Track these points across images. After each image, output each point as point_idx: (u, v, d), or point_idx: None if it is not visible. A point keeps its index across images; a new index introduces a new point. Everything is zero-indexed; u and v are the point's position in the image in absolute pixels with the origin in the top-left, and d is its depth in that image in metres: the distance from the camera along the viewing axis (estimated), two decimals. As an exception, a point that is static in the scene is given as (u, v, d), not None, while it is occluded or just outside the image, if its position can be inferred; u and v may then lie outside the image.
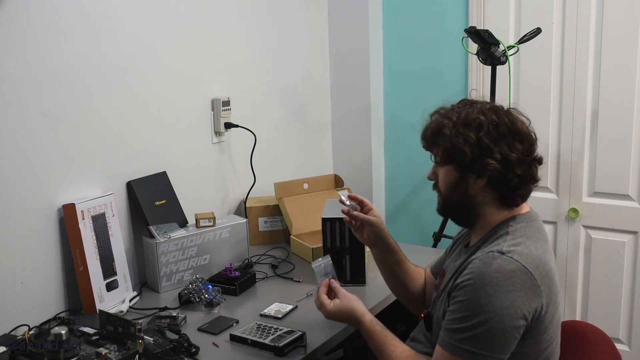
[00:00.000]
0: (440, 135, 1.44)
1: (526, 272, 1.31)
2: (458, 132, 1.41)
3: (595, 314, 2.72)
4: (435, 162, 1.49)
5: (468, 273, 1.35)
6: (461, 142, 1.39)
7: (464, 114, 1.42)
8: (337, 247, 2.09)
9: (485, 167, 1.39)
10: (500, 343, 1.30)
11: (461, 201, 1.46)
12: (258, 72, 2.68)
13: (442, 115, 1.46)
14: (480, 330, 1.29)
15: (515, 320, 1.29)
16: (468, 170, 1.41)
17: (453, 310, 1.35)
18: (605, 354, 1.54)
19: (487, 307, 1.29)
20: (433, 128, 1.46)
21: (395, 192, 3.16)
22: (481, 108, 1.43)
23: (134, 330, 1.54)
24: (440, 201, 1.51)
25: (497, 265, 1.31)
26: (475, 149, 1.39)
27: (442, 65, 2.91)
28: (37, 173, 1.83)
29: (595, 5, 2.53)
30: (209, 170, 2.48)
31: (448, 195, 1.47)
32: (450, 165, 1.44)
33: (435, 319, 1.51)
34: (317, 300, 1.61)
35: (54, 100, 1.86)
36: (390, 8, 3.01)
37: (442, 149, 1.44)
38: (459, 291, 1.35)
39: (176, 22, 2.26)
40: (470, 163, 1.40)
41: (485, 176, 1.40)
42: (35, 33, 1.79)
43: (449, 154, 1.42)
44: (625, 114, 2.53)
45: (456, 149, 1.40)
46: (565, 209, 2.72)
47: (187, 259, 2.13)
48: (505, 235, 1.40)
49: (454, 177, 1.44)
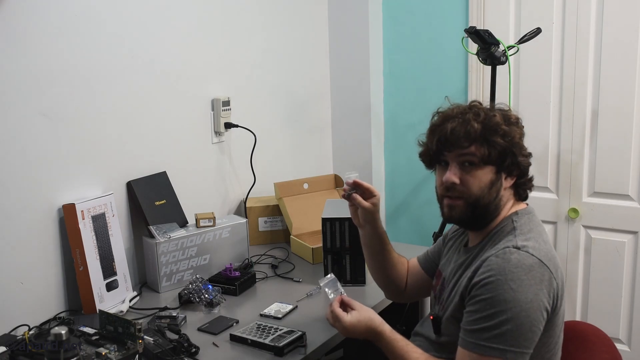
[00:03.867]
0: (493, 133, 1.38)
1: (543, 266, 1.32)
2: (510, 131, 1.38)
3: (595, 314, 2.72)
4: (468, 164, 1.40)
5: (486, 271, 1.33)
6: (515, 140, 1.39)
7: (503, 113, 1.41)
8: (337, 247, 2.09)
9: (519, 165, 1.40)
10: (529, 337, 1.29)
11: (493, 201, 1.41)
12: (258, 72, 2.68)
13: (483, 111, 1.40)
14: (509, 327, 1.28)
15: (540, 313, 1.30)
16: (503, 169, 1.40)
17: (475, 310, 1.33)
18: (605, 354, 1.54)
19: (513, 302, 1.28)
20: (485, 123, 1.38)
21: (395, 192, 3.16)
22: (500, 109, 1.44)
23: (134, 330, 1.54)
24: (463, 205, 1.41)
25: (516, 260, 1.31)
26: (515, 147, 1.40)
27: (442, 65, 2.91)
28: (37, 173, 1.83)
29: (595, 5, 2.53)
30: (209, 170, 2.48)
31: (482, 196, 1.39)
32: (491, 166, 1.39)
33: (444, 321, 1.49)
34: (330, 315, 1.51)
35: (54, 100, 1.86)
36: (390, 8, 3.01)
37: (490, 148, 1.37)
38: (480, 289, 1.33)
39: (176, 22, 2.26)
40: (510, 162, 1.39)
41: (515, 174, 1.41)
42: (35, 33, 1.79)
43: (499, 153, 1.38)
44: (625, 114, 2.53)
45: (508, 148, 1.38)
46: (565, 209, 2.72)
47: (187, 259, 2.13)
48: (513, 230, 1.40)
49: (492, 177, 1.40)
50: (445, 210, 1.45)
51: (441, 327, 1.50)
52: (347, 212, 1.76)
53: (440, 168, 1.46)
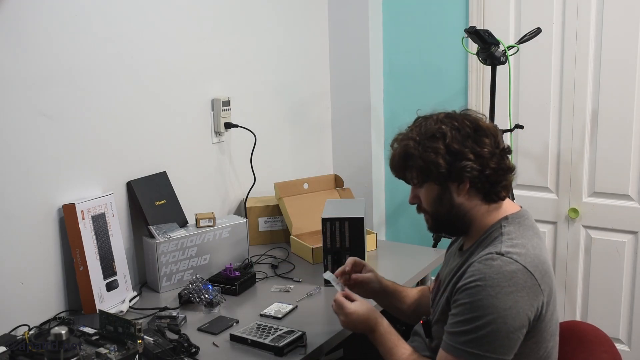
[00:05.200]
0: (409, 158, 1.43)
1: (526, 272, 1.31)
2: (425, 147, 1.40)
3: (595, 314, 2.72)
4: (413, 185, 1.48)
5: (469, 276, 1.34)
6: (432, 156, 1.39)
7: (424, 129, 1.42)
8: (337, 247, 2.09)
9: (463, 171, 1.38)
10: (505, 344, 1.30)
11: (450, 213, 1.44)
12: (258, 72, 2.68)
13: (402, 140, 1.46)
14: (484, 332, 1.29)
15: (519, 321, 1.30)
16: (447, 180, 1.41)
17: (456, 313, 1.35)
18: (605, 354, 1.54)
19: (490, 308, 1.29)
20: (399, 153, 1.45)
21: (395, 192, 3.16)
22: (437, 118, 1.44)
23: (134, 330, 1.54)
24: (430, 220, 1.49)
25: (498, 266, 1.31)
26: (448, 157, 1.39)
27: (442, 65, 2.91)
28: (37, 173, 1.83)
29: (595, 5, 2.53)
30: (209, 170, 2.48)
31: (436, 211, 1.46)
32: (429, 182, 1.43)
33: (433, 324, 1.51)
34: (335, 303, 1.57)
35: (54, 100, 1.86)
36: (390, 8, 3.01)
37: (415, 170, 1.43)
38: (461, 294, 1.35)
39: (176, 22, 2.26)
40: (447, 172, 1.39)
41: (466, 179, 1.40)
42: (35, 33, 1.79)
43: (423, 171, 1.41)
44: (625, 114, 2.53)
45: (430, 164, 1.39)
46: (565, 209, 2.72)
47: (187, 259, 2.13)
48: (500, 236, 1.40)
49: (437, 191, 1.43)
50: (426, 224, 1.53)
51: (431, 330, 1.52)
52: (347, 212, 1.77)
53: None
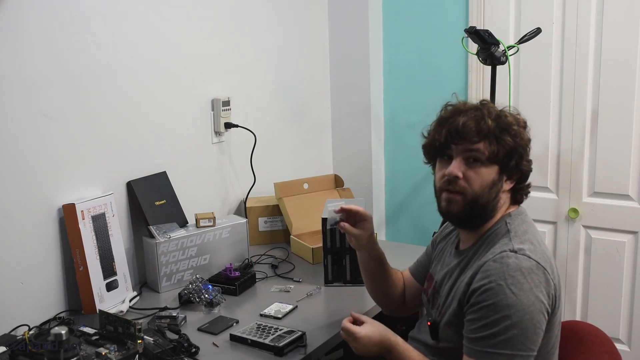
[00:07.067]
0: (504, 132, 1.37)
1: (540, 268, 1.32)
2: (521, 134, 1.39)
3: (595, 314, 2.72)
4: (474, 160, 1.38)
5: (485, 277, 1.32)
6: (523, 145, 1.38)
7: (514, 119, 1.40)
8: (337, 247, 2.09)
9: (520, 169, 1.39)
10: (534, 340, 1.30)
11: (490, 201, 1.39)
12: (258, 72, 2.68)
13: (496, 112, 1.39)
14: (515, 332, 1.28)
15: (542, 315, 1.30)
16: (507, 171, 1.39)
17: (478, 317, 1.32)
18: (605, 354, 1.54)
19: (516, 306, 1.28)
20: (497, 122, 1.37)
21: (395, 192, 3.16)
22: (505, 109, 1.44)
23: (134, 330, 1.54)
24: (463, 201, 1.39)
25: (514, 264, 1.31)
26: (523, 150, 1.39)
27: (442, 65, 2.91)
28: (37, 173, 1.83)
29: (595, 5, 2.53)
30: (209, 170, 2.48)
31: (481, 195, 1.38)
32: (494, 166, 1.38)
33: (441, 327, 1.48)
34: (343, 330, 1.49)
35: (54, 100, 1.86)
36: (390, 8, 3.01)
37: (498, 147, 1.36)
38: (480, 296, 1.32)
39: (176, 22, 2.27)
40: (515, 165, 1.38)
41: (515, 178, 1.40)
42: (35, 33, 1.79)
43: (504, 153, 1.37)
44: (625, 114, 2.53)
45: (514, 151, 1.37)
46: (565, 209, 2.72)
47: (187, 259, 2.13)
48: (507, 233, 1.40)
49: (495, 177, 1.38)
50: (443, 205, 1.43)
51: (439, 332, 1.49)
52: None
53: (442, 161, 1.44)
